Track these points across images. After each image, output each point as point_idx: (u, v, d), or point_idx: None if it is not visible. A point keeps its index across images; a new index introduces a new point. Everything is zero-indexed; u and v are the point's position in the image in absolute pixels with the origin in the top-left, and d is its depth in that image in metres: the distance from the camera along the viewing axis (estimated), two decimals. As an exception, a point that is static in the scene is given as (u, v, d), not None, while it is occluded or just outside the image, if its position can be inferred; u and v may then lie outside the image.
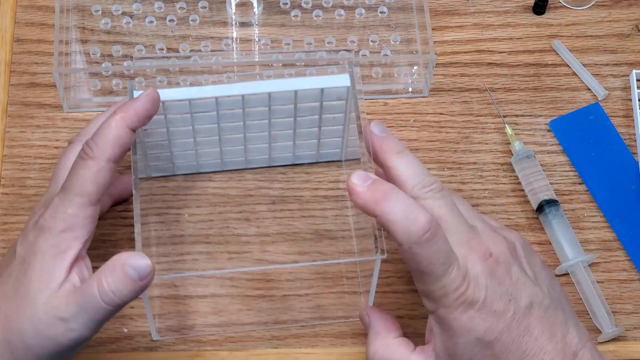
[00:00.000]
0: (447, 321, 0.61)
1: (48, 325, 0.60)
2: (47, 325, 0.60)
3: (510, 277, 0.62)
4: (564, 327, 0.63)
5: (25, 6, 0.83)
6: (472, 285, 0.61)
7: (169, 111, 0.70)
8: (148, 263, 0.60)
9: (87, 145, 0.63)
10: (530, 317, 0.62)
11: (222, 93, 0.69)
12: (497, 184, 0.77)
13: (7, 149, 0.77)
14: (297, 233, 0.74)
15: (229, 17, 0.83)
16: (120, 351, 0.70)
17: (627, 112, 0.81)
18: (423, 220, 0.59)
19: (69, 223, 0.62)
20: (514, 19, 0.84)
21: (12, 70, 0.81)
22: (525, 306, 0.62)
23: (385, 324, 0.66)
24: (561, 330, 0.62)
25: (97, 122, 0.68)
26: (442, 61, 0.82)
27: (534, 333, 0.62)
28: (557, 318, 0.63)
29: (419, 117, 0.80)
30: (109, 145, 0.63)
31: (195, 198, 0.75)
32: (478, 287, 0.61)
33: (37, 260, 0.62)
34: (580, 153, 0.78)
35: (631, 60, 0.83)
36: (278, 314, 0.72)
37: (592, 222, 0.76)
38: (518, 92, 0.81)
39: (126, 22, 0.82)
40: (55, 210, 0.62)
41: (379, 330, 0.66)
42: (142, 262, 0.60)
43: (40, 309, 0.60)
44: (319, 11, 0.83)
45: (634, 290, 0.74)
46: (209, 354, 0.71)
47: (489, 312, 0.61)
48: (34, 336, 0.60)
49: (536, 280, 0.64)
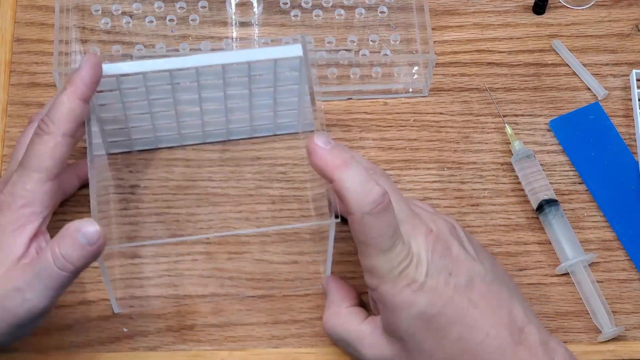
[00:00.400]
0: (389, 297, 0.62)
1: (4, 297, 0.61)
2: (3, 298, 0.61)
3: (451, 253, 0.63)
4: (509, 303, 0.63)
5: (25, 6, 0.83)
6: (414, 261, 0.62)
7: (123, 85, 0.70)
8: (97, 229, 0.61)
9: (43, 121, 0.64)
10: (472, 291, 0.63)
11: (176, 66, 0.70)
12: (497, 184, 0.77)
13: (7, 149, 0.77)
14: (297, 233, 0.74)
15: (229, 17, 0.83)
16: (120, 351, 0.70)
17: (627, 112, 0.80)
18: (378, 191, 0.61)
19: (27, 199, 0.63)
20: (514, 18, 0.84)
21: (12, 70, 0.81)
22: (466, 280, 0.63)
23: (340, 293, 0.68)
24: (507, 306, 0.63)
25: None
26: (442, 61, 0.82)
27: (478, 306, 0.62)
28: (501, 293, 0.64)
29: (419, 117, 0.80)
30: (63, 119, 0.64)
31: (153, 171, 0.76)
32: (420, 262, 0.62)
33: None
34: (580, 153, 0.78)
35: (631, 60, 0.83)
36: (278, 314, 0.72)
37: (592, 222, 0.76)
38: (518, 92, 0.81)
39: (126, 22, 0.82)
40: (14, 187, 0.63)
41: (333, 299, 0.68)
42: (91, 228, 0.61)
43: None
44: (319, 11, 0.83)
45: (634, 290, 0.74)
46: (208, 354, 0.71)
47: (430, 287, 0.62)
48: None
49: (477, 258, 0.65)
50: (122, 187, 0.75)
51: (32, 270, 0.61)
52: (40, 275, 0.61)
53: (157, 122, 0.74)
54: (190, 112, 0.74)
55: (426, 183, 0.77)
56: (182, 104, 0.73)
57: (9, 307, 0.61)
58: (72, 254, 0.60)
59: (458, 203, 0.76)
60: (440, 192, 0.77)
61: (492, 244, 0.75)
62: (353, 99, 0.80)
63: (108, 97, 0.68)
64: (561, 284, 0.74)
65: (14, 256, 0.62)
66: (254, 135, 0.77)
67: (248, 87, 0.73)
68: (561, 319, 0.73)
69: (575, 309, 0.73)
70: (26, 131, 0.71)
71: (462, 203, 0.76)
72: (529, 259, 0.75)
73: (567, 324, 0.72)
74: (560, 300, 0.73)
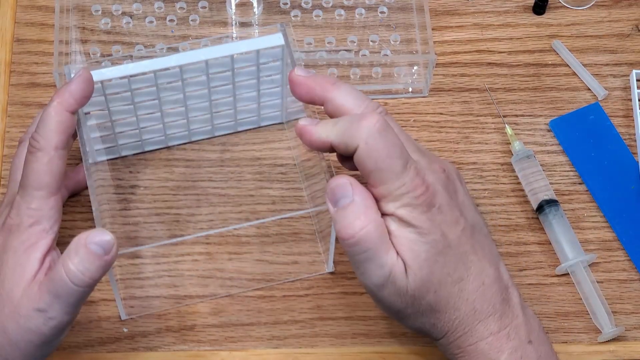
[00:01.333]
0: (408, 219, 0.60)
1: (28, 318, 0.61)
2: (27, 319, 0.61)
3: (458, 197, 0.64)
4: (498, 260, 0.65)
5: (25, 6, 0.83)
6: (430, 189, 0.61)
7: (108, 90, 0.70)
8: (110, 237, 0.60)
9: (33, 138, 0.64)
10: (474, 237, 0.63)
11: (160, 66, 0.70)
12: (497, 184, 0.77)
13: (7, 149, 0.77)
14: (297, 234, 0.74)
15: (229, 17, 0.83)
16: (120, 351, 0.70)
17: (627, 112, 0.81)
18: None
19: (34, 217, 0.63)
20: (514, 19, 0.84)
21: (12, 70, 0.81)
22: (472, 225, 0.63)
23: (373, 201, 0.61)
24: (496, 262, 0.64)
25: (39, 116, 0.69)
26: (442, 61, 0.82)
27: (478, 253, 0.63)
28: (493, 249, 0.65)
29: (419, 117, 0.80)
30: (52, 133, 0.64)
31: (153, 172, 0.76)
32: (435, 192, 0.61)
33: (9, 257, 0.62)
34: (580, 153, 0.78)
35: (631, 60, 0.83)
36: (278, 314, 0.72)
37: (592, 222, 0.76)
38: (518, 92, 0.81)
39: (126, 22, 0.82)
40: (19, 208, 0.63)
41: (369, 203, 0.61)
42: (104, 237, 0.60)
43: (18, 303, 0.61)
44: (319, 11, 0.83)
45: (634, 290, 0.74)
46: (208, 354, 0.71)
47: (444, 219, 0.61)
48: (17, 331, 0.61)
49: (476, 210, 0.65)
50: (122, 187, 0.76)
51: (49, 292, 0.60)
52: (59, 295, 0.60)
53: (143, 126, 0.74)
54: (175, 112, 0.74)
55: (426, 183, 0.77)
56: (167, 104, 0.73)
57: (34, 327, 0.61)
58: (90, 267, 0.60)
59: (458, 203, 0.76)
60: (440, 192, 0.77)
61: (492, 244, 0.75)
62: (353, 99, 0.80)
63: (92, 104, 0.68)
64: (561, 284, 0.74)
65: (29, 274, 0.62)
66: (238, 130, 0.77)
67: (232, 81, 0.73)
68: (561, 319, 0.73)
69: (575, 309, 0.73)
70: (18, 152, 0.71)
71: (462, 203, 0.76)
72: (529, 259, 0.75)
73: (567, 324, 0.72)
74: (560, 301, 0.73)
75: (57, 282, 0.60)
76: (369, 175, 0.61)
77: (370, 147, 0.59)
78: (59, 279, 0.60)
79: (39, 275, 0.62)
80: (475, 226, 0.64)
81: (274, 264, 0.73)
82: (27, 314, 0.61)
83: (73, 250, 0.60)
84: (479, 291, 0.62)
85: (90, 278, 0.60)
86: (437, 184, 0.62)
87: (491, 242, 0.65)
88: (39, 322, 0.61)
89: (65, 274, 0.60)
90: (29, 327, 0.61)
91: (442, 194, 0.62)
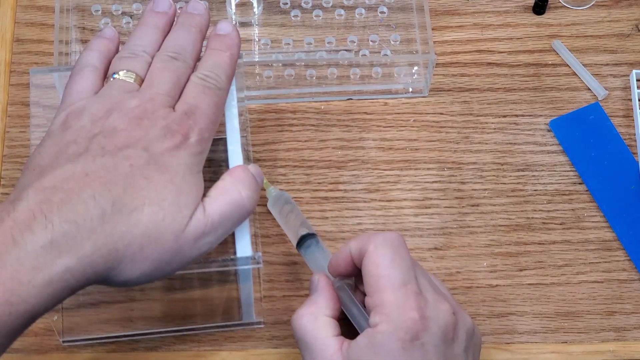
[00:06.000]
0: (379, 340, 0.58)
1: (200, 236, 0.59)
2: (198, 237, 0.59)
3: (453, 348, 0.60)
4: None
5: (25, 6, 0.83)
6: (424, 321, 0.58)
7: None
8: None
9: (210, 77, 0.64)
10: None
11: None
12: (497, 184, 0.77)
13: (7, 149, 0.77)
14: (297, 233, 0.74)
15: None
16: (120, 351, 0.70)
17: (627, 112, 0.81)
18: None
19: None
20: (514, 19, 0.84)
21: (12, 70, 0.81)
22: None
23: (327, 298, 0.63)
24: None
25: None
26: (442, 61, 0.82)
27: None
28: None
29: (419, 117, 0.80)
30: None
31: None
32: (427, 327, 0.59)
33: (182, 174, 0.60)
34: (580, 153, 0.78)
35: (631, 60, 0.83)
36: (278, 314, 0.72)
37: (592, 222, 0.76)
38: (518, 92, 0.81)
39: (126, 22, 0.82)
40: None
41: (317, 300, 0.63)
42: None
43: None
44: (319, 11, 0.83)
45: (634, 290, 0.74)
46: (208, 354, 0.71)
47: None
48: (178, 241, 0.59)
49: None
50: None
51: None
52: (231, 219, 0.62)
53: None
54: None
55: (426, 183, 0.77)
56: None
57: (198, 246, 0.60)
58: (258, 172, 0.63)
59: (458, 203, 0.76)
60: (441, 192, 0.77)
61: (492, 244, 0.75)
62: (353, 99, 0.80)
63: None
64: (561, 284, 0.74)
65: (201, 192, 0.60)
66: None
67: None
68: (561, 319, 0.73)
69: (576, 309, 0.73)
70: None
71: (462, 203, 0.76)
72: (529, 259, 0.75)
73: (567, 324, 0.72)
74: (560, 301, 0.73)
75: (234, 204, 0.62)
76: (368, 281, 0.60)
77: (378, 252, 0.60)
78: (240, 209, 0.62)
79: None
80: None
81: (274, 265, 0.73)
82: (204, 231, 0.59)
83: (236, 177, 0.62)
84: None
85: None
86: (435, 322, 0.59)
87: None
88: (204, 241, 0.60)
89: (242, 198, 0.62)
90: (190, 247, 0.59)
91: (435, 334, 0.58)
